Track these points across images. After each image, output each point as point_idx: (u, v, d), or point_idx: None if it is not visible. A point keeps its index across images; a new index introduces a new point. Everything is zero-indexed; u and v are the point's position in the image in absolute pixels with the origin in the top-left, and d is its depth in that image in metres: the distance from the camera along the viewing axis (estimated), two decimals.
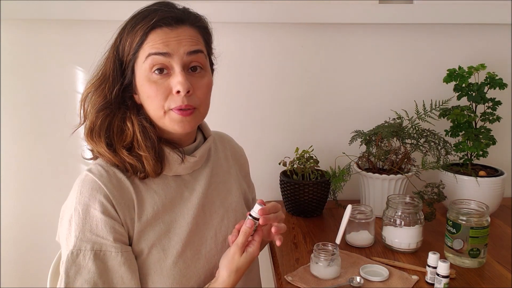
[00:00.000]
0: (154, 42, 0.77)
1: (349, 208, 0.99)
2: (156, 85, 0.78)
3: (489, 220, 0.96)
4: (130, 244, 0.79)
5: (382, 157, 1.25)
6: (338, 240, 0.97)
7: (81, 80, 1.41)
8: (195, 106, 0.80)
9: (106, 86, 0.80)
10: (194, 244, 0.84)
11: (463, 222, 0.95)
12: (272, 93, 1.43)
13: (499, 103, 1.27)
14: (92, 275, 0.72)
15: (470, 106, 1.28)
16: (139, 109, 0.83)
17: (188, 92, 0.77)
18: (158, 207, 0.81)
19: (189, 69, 0.80)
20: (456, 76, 1.28)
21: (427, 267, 0.90)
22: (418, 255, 1.02)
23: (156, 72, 0.78)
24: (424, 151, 1.22)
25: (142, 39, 0.77)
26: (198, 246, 0.84)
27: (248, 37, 1.39)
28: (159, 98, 0.78)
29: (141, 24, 0.78)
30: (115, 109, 0.81)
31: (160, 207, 0.82)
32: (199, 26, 0.83)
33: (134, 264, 0.77)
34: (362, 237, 1.07)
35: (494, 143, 1.26)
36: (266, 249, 1.16)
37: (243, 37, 1.39)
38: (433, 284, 0.88)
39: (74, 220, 0.75)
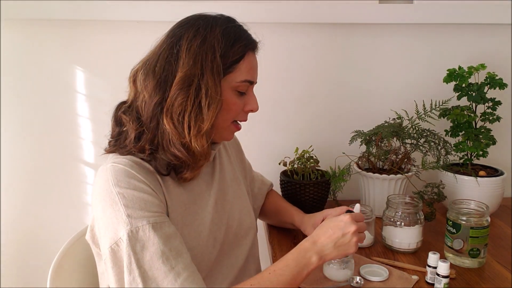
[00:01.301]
0: (249, 66, 0.86)
1: (357, 207, 0.93)
2: (239, 100, 0.87)
3: (489, 220, 0.96)
4: None
5: (382, 157, 1.25)
6: None
7: (81, 80, 1.41)
8: None
9: (222, 99, 0.83)
10: (213, 232, 0.88)
11: (463, 222, 0.95)
12: (272, 93, 1.43)
13: (499, 103, 1.27)
14: (158, 246, 0.73)
15: (470, 106, 1.28)
16: None
17: None
18: (183, 199, 0.85)
19: None
20: (456, 76, 1.28)
21: (427, 267, 0.90)
22: (418, 255, 1.02)
23: (239, 91, 0.86)
24: (424, 151, 1.22)
25: (240, 58, 0.84)
26: (215, 233, 0.89)
27: None
28: (236, 112, 0.87)
29: (241, 42, 0.84)
30: None
31: (185, 199, 0.85)
32: None
33: None
34: None
35: (494, 143, 1.26)
36: (266, 249, 1.16)
37: None
38: (433, 284, 0.88)
39: (121, 203, 0.75)
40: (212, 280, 0.88)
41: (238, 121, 0.91)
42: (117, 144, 0.84)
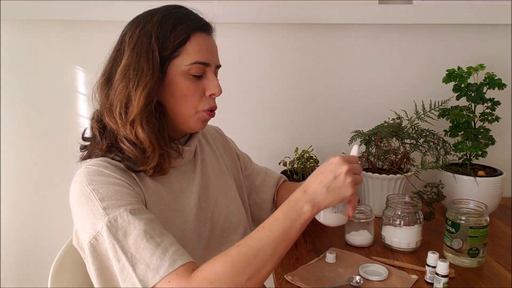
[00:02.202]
0: (198, 47, 0.82)
1: (355, 148, 0.85)
2: (194, 85, 0.84)
3: (488, 219, 0.96)
4: None
5: (382, 157, 1.25)
6: None
7: (81, 80, 1.41)
8: None
9: (157, 80, 0.80)
10: (197, 229, 0.88)
11: (462, 222, 0.96)
12: (272, 93, 1.44)
13: (498, 103, 1.27)
14: (140, 227, 0.72)
15: (469, 106, 1.29)
16: (158, 105, 0.84)
17: None
18: (163, 197, 0.84)
19: None
20: (455, 76, 1.28)
21: (426, 266, 0.90)
22: (417, 255, 1.02)
23: (193, 75, 0.83)
24: (424, 151, 1.22)
25: (185, 40, 0.82)
26: (200, 230, 0.88)
27: (248, 38, 1.39)
28: (195, 98, 0.84)
29: (184, 24, 0.82)
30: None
31: (165, 196, 0.85)
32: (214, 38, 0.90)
33: None
34: (362, 237, 1.07)
35: (493, 143, 1.26)
36: None
37: (244, 38, 1.39)
38: (432, 284, 0.89)
39: (96, 198, 0.74)
40: None
41: (208, 110, 0.86)
42: (89, 150, 0.85)
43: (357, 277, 0.90)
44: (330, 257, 0.98)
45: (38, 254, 1.48)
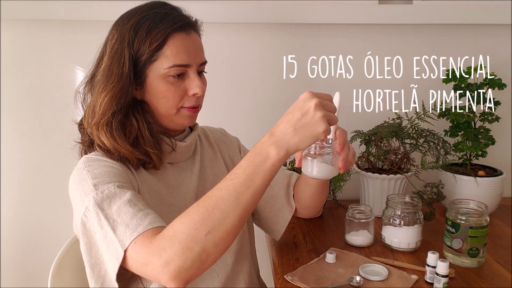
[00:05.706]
0: (176, 49, 0.82)
1: (337, 95, 0.81)
2: (174, 86, 0.84)
3: (488, 219, 0.96)
4: None
5: (382, 157, 1.25)
6: (332, 135, 0.80)
7: (81, 80, 1.41)
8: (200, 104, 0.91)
9: (124, 85, 0.82)
10: None
11: (462, 222, 0.96)
12: (272, 93, 1.44)
13: (498, 103, 1.27)
14: (125, 197, 0.74)
15: (469, 106, 1.29)
16: (141, 104, 0.87)
17: None
18: (158, 190, 0.86)
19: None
20: (455, 76, 1.28)
21: (426, 266, 0.90)
22: (417, 255, 1.02)
23: (173, 76, 0.83)
24: (424, 151, 1.22)
25: (162, 43, 0.81)
26: None
27: (250, 38, 1.39)
28: (176, 99, 0.85)
29: (160, 27, 0.81)
30: (125, 107, 0.84)
31: (160, 190, 0.87)
32: (200, 33, 0.91)
33: None
34: (362, 237, 1.07)
35: (493, 143, 1.26)
36: (266, 248, 1.16)
37: (246, 38, 1.39)
38: (432, 284, 0.89)
39: (89, 177, 0.77)
40: (200, 277, 0.87)
41: (190, 107, 0.86)
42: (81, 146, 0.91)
43: (357, 277, 0.90)
44: (330, 257, 0.98)
45: (38, 254, 1.48)
